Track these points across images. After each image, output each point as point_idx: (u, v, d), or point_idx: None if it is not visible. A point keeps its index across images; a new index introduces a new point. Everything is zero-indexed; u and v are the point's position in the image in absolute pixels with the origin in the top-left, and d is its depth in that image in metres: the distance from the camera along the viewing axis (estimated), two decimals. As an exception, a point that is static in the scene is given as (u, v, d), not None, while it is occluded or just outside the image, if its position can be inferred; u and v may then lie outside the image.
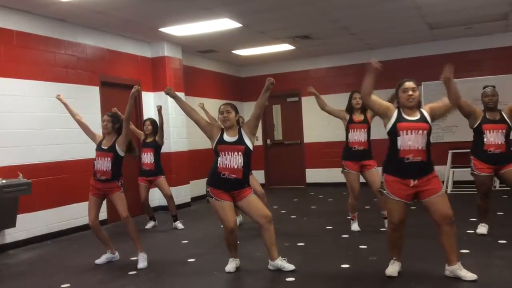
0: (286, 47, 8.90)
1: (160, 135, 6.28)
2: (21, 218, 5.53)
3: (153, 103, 7.91)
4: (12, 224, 5.38)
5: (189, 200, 8.43)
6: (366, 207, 6.59)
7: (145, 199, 6.37)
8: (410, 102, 3.58)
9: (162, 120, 6.27)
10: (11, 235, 5.53)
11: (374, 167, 5.30)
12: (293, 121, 10.61)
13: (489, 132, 4.72)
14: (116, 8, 5.98)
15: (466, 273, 3.51)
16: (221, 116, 4.07)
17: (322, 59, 10.13)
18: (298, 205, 8.13)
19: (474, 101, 5.24)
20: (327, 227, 5.87)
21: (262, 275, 4.03)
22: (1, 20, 5.61)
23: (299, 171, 10.53)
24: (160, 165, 6.36)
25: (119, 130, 4.59)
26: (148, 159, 6.27)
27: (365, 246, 4.78)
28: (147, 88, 7.89)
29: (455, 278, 3.52)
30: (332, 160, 5.73)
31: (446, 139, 8.99)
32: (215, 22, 6.81)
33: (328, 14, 6.82)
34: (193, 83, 9.05)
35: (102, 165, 4.52)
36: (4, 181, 5.15)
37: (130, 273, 4.33)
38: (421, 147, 3.50)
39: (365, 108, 5.36)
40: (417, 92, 3.62)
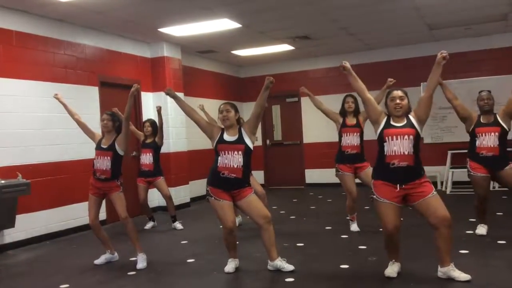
0: (286, 47, 8.90)
1: (159, 135, 6.29)
2: (20, 219, 5.52)
3: (152, 104, 7.91)
4: (11, 224, 5.37)
5: (189, 200, 8.43)
6: (366, 207, 6.59)
7: (144, 200, 6.37)
8: (398, 111, 3.63)
9: (162, 121, 6.28)
10: (10, 236, 5.52)
11: (368, 167, 5.32)
12: (293, 121, 10.61)
13: (481, 135, 4.77)
14: (116, 8, 5.98)
15: (460, 274, 3.50)
16: (220, 115, 4.07)
17: (322, 60, 10.13)
18: (297, 205, 8.14)
19: (473, 101, 5.25)
20: (327, 228, 5.88)
21: (262, 276, 4.03)
22: (1, 20, 5.60)
23: (299, 172, 10.54)
24: (159, 166, 6.36)
25: (118, 128, 4.59)
26: (147, 159, 6.27)
27: (365, 247, 4.79)
28: (146, 89, 7.88)
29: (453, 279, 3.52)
30: (332, 160, 5.72)
31: (446, 140, 9.02)
32: (214, 22, 6.81)
33: (327, 15, 6.82)
34: (192, 84, 9.05)
35: (102, 164, 4.52)
36: (3, 182, 5.15)
37: (130, 273, 4.33)
38: (407, 152, 3.53)
39: (357, 112, 5.45)
40: (405, 101, 3.65)
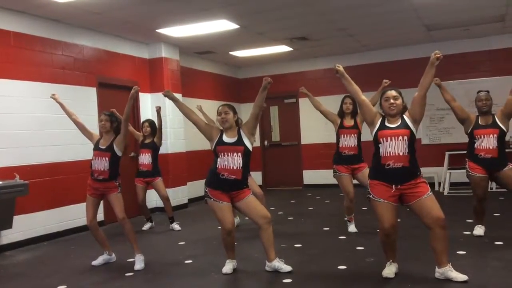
0: (284, 48, 8.90)
1: (158, 136, 6.29)
2: (18, 219, 5.51)
3: (150, 104, 7.91)
4: (8, 225, 5.36)
5: (186, 201, 8.42)
6: (363, 208, 6.60)
7: (143, 201, 6.36)
8: (392, 111, 3.65)
9: (161, 121, 6.30)
10: (7, 236, 5.51)
11: (365, 168, 5.32)
12: (291, 122, 10.61)
13: (479, 137, 4.78)
14: (113, 9, 5.97)
15: (457, 274, 3.51)
16: (219, 117, 4.07)
17: (320, 61, 10.13)
18: (295, 206, 8.14)
19: (471, 102, 5.26)
20: (324, 229, 5.88)
21: (259, 277, 4.03)
22: (-2, 21, 5.61)
23: (297, 172, 10.54)
24: (158, 166, 6.36)
25: (117, 129, 4.59)
26: (146, 160, 6.26)
27: (362, 248, 4.79)
28: (144, 89, 7.87)
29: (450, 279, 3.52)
30: (330, 161, 5.73)
31: (443, 141, 9.03)
32: (212, 23, 6.81)
33: (325, 16, 6.83)
34: (190, 84, 9.04)
35: (100, 165, 4.50)
36: (0, 182, 5.13)
37: (127, 274, 4.32)
38: (402, 153, 3.55)
39: (355, 113, 5.44)
40: (399, 100, 3.67)
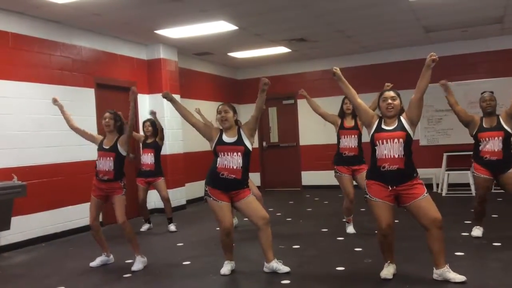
0: (282, 49, 8.91)
1: (160, 136, 6.30)
2: (16, 221, 5.50)
3: (148, 105, 7.90)
4: (6, 226, 5.34)
5: (185, 202, 8.41)
6: (362, 209, 6.60)
7: (143, 201, 6.36)
8: (390, 111, 3.65)
9: (160, 123, 6.34)
10: (5, 238, 5.50)
11: (365, 170, 5.31)
12: (289, 123, 10.62)
13: (484, 140, 4.78)
14: (112, 10, 5.97)
15: (455, 275, 3.51)
16: (219, 116, 4.07)
17: (318, 62, 10.13)
18: (293, 207, 8.14)
19: (470, 104, 5.28)
20: (323, 230, 5.88)
21: (258, 278, 4.03)
22: (-3, 22, 5.60)
23: (295, 173, 10.54)
24: (160, 166, 6.36)
25: (120, 128, 4.58)
26: (148, 159, 6.25)
27: (360, 249, 4.79)
28: (142, 90, 7.86)
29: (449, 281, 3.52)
30: (328, 162, 5.75)
31: (441, 142, 9.04)
32: (211, 25, 6.81)
33: (323, 17, 6.84)
34: (189, 86, 9.04)
35: (104, 165, 4.48)
36: (-2, 183, 5.13)
37: (125, 276, 4.31)
38: (398, 155, 3.55)
39: (356, 114, 5.41)
40: (397, 101, 3.67)
